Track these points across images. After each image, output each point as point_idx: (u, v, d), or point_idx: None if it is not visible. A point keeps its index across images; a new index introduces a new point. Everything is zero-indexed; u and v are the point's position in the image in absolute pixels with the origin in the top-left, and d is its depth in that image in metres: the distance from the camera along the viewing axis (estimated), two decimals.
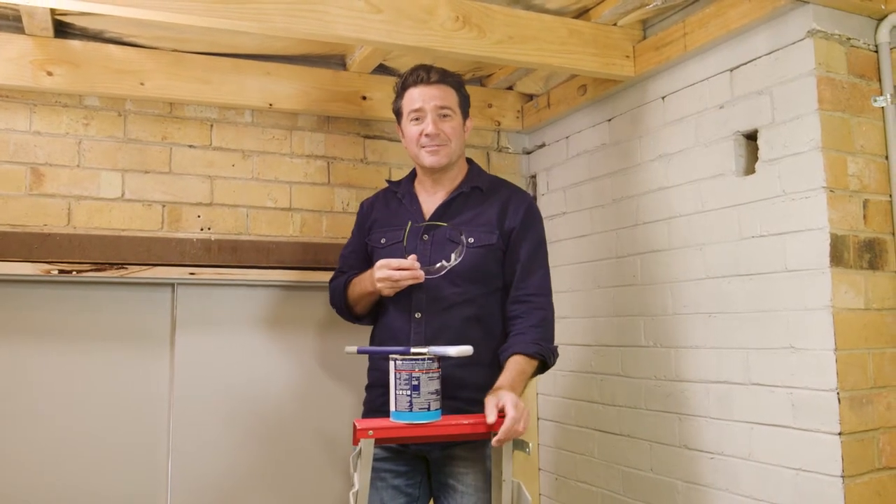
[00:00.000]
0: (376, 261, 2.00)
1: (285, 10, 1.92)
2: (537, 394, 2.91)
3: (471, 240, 1.94)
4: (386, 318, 2.00)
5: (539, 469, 2.88)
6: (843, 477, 1.74)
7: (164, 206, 2.44)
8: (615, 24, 2.35)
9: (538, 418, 2.90)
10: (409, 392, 1.70)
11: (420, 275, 1.85)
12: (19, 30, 2.24)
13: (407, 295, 1.92)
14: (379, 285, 1.89)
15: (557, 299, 2.77)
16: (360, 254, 2.14)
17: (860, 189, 1.88)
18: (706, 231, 2.15)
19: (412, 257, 1.88)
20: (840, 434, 1.75)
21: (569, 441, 2.72)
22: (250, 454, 2.53)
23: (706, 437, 2.12)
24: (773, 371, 1.93)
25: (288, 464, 2.57)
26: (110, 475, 2.36)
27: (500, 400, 1.70)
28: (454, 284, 1.91)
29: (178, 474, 2.43)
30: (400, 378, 1.71)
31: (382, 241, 2.04)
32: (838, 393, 1.76)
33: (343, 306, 2.11)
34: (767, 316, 1.95)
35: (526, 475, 2.86)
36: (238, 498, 2.50)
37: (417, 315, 1.91)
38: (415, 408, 1.70)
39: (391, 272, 1.86)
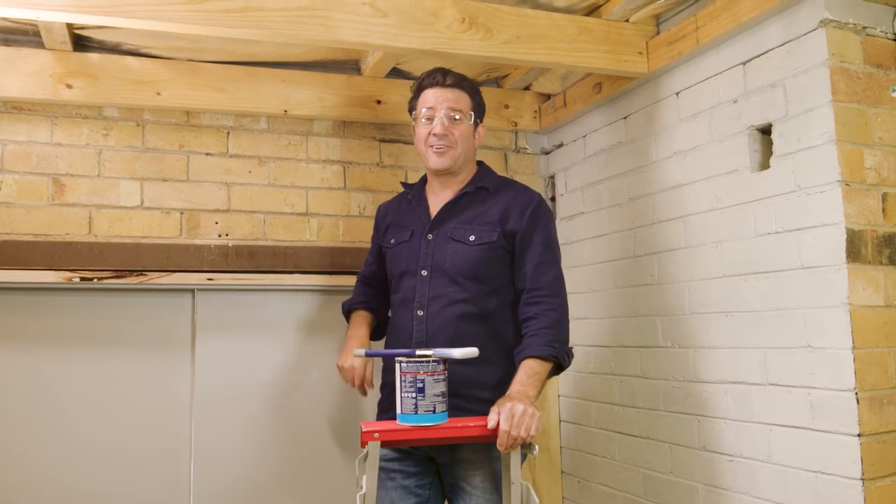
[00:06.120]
0: (388, 263, 2.07)
1: (289, 17, 1.94)
2: (559, 396, 2.88)
3: (472, 237, 1.94)
4: (394, 316, 2.05)
5: (562, 472, 2.85)
6: (862, 480, 1.68)
7: (182, 213, 2.48)
8: (627, 21, 2.31)
9: (560, 420, 2.87)
10: (413, 394, 1.70)
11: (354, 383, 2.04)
12: (39, 44, 2.30)
13: (410, 293, 1.95)
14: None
15: (577, 300, 2.76)
16: (375, 256, 2.20)
17: (878, 182, 1.81)
18: (721, 228, 2.10)
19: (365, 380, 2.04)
20: (859, 435, 1.69)
21: (590, 443, 2.68)
22: (272, 457, 2.55)
23: (725, 439, 2.07)
24: (790, 371, 1.87)
25: (309, 466, 2.58)
26: (134, 479, 2.41)
27: (500, 409, 1.69)
28: (454, 282, 1.92)
29: (201, 478, 2.47)
30: (405, 380, 1.71)
31: (392, 241, 2.09)
32: (857, 393, 1.70)
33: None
34: (784, 314, 1.89)
35: (549, 478, 2.83)
36: (260, 501, 2.52)
37: (420, 312, 1.93)
38: (420, 410, 1.70)
39: (344, 366, 2.04)
